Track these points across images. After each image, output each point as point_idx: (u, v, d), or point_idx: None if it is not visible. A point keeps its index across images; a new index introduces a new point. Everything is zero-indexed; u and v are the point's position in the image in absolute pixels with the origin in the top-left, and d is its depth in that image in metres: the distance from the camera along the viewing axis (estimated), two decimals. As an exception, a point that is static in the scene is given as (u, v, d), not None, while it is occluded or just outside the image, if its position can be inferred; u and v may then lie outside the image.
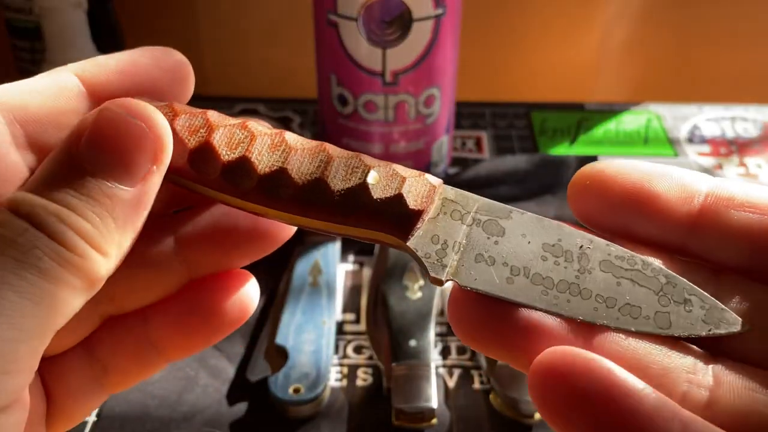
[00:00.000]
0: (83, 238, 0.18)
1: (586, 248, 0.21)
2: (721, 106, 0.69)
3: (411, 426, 0.38)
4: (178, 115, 0.22)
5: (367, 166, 0.22)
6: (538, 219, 0.21)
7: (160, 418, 0.39)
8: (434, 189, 0.22)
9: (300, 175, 0.21)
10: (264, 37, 0.73)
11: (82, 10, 0.56)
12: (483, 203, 0.22)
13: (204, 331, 0.24)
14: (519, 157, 0.59)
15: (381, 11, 0.48)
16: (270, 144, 0.22)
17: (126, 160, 0.19)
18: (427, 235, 0.21)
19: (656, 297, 0.20)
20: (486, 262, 0.21)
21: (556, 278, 0.20)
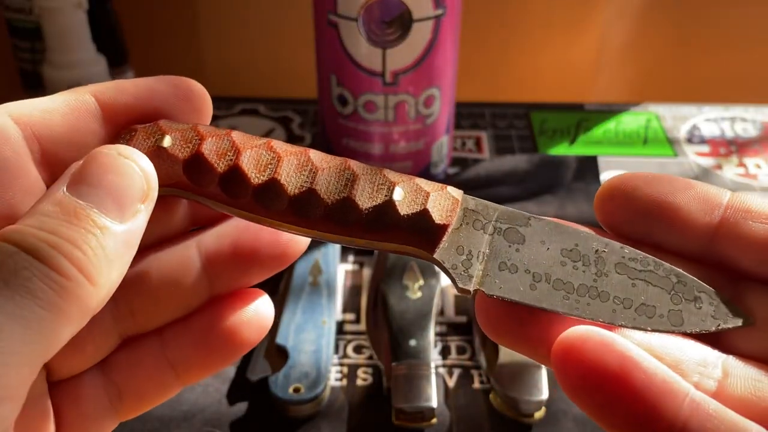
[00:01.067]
0: (74, 265, 0.18)
1: (602, 251, 0.22)
2: (720, 106, 0.69)
3: (411, 426, 0.38)
4: (204, 139, 0.22)
5: (391, 183, 0.22)
6: (555, 225, 0.22)
7: (160, 418, 0.39)
8: (457, 202, 0.22)
9: (328, 195, 0.22)
10: (264, 37, 0.73)
11: (82, 10, 0.56)
12: (502, 211, 0.23)
13: (222, 351, 0.24)
14: (519, 157, 0.59)
15: (381, 11, 0.48)
16: (297, 164, 0.22)
17: (117, 196, 0.20)
18: (452, 246, 0.22)
19: (669, 296, 0.21)
20: (509, 270, 0.22)
21: (575, 282, 0.21)
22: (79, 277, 0.18)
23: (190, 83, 0.23)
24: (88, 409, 0.23)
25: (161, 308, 0.24)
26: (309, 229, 0.22)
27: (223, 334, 0.24)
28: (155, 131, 0.22)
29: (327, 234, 0.22)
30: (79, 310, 0.18)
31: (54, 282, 0.18)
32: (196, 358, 0.24)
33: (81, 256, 0.18)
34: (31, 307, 0.17)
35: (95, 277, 0.19)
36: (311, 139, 0.64)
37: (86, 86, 0.22)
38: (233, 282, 0.24)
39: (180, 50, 0.74)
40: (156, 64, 0.73)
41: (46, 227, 0.18)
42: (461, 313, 0.46)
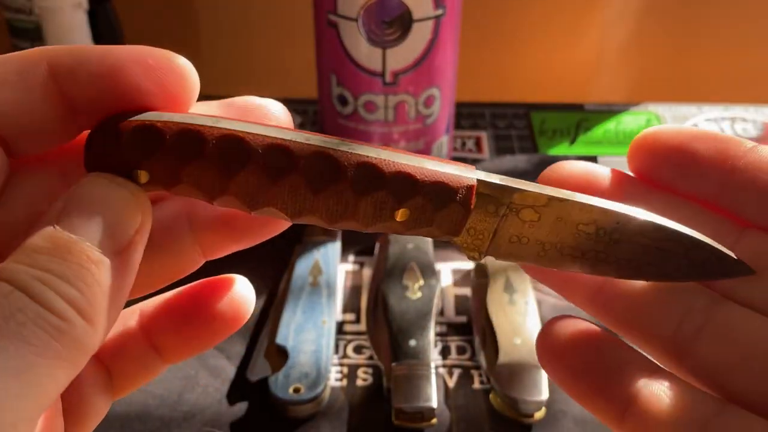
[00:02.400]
0: (70, 304, 0.17)
1: (623, 224, 0.22)
2: (720, 106, 0.69)
3: (411, 426, 0.38)
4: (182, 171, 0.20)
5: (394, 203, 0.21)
6: (576, 204, 0.22)
7: (160, 418, 0.39)
8: (469, 210, 0.21)
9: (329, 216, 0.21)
10: (264, 37, 0.73)
11: (82, 10, 0.56)
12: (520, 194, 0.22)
13: (202, 334, 0.24)
14: (519, 157, 0.59)
15: (381, 11, 0.48)
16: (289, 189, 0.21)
17: (111, 229, 0.19)
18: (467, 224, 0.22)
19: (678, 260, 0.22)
20: (520, 242, 0.22)
21: (586, 248, 0.22)
22: (75, 317, 0.17)
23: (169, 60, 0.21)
24: (87, 391, 0.23)
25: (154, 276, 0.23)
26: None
27: (200, 319, 0.23)
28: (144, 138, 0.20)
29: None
30: (77, 353, 0.17)
31: (49, 324, 0.17)
32: (175, 342, 0.24)
33: (76, 294, 0.17)
34: (25, 357, 0.16)
35: (92, 316, 0.18)
36: (311, 139, 0.64)
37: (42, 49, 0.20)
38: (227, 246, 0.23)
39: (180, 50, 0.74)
40: (156, 64, 0.73)
41: (38, 264, 0.17)
42: (461, 313, 0.46)
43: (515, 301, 0.43)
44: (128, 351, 0.24)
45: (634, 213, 0.22)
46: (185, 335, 0.24)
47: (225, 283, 0.24)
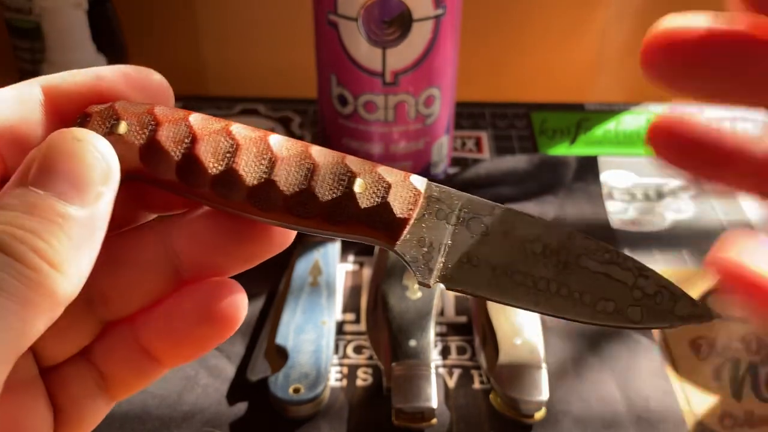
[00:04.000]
0: (41, 256, 0.18)
1: (565, 242, 0.21)
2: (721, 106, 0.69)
3: (411, 426, 0.38)
4: (160, 124, 0.21)
5: (352, 174, 0.22)
6: (518, 214, 0.22)
7: (160, 418, 0.39)
8: (419, 194, 0.22)
9: (288, 186, 0.21)
10: (264, 37, 0.73)
11: (82, 10, 0.56)
12: (466, 200, 0.22)
13: (192, 340, 0.24)
14: (519, 157, 0.59)
15: (381, 11, 0.48)
16: (255, 153, 0.22)
17: (76, 181, 0.20)
18: (413, 237, 0.22)
19: (629, 290, 0.21)
20: (471, 263, 0.21)
21: (537, 275, 0.21)
22: (47, 268, 0.18)
23: (147, 73, 0.23)
24: (78, 392, 0.23)
25: (131, 294, 0.24)
26: (270, 219, 0.22)
27: (191, 324, 0.23)
28: (110, 115, 0.21)
29: (288, 224, 0.22)
30: (51, 301, 0.18)
31: (22, 275, 0.18)
32: (167, 347, 0.24)
33: (46, 247, 0.18)
34: (5, 305, 0.17)
35: (63, 267, 0.19)
36: (311, 139, 0.64)
37: (38, 77, 0.22)
38: (208, 268, 0.24)
39: (180, 50, 0.74)
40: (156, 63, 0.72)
41: (8, 220, 0.18)
42: (461, 313, 0.46)
43: (515, 301, 0.43)
44: (120, 355, 0.24)
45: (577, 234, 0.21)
46: (178, 338, 0.24)
47: (220, 285, 0.24)
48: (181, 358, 0.24)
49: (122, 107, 0.22)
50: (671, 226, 0.54)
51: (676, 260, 0.51)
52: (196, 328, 0.23)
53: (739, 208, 0.56)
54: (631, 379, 0.41)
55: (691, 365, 0.43)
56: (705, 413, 0.40)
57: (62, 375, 0.23)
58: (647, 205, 0.56)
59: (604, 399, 0.40)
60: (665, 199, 0.57)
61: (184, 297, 0.23)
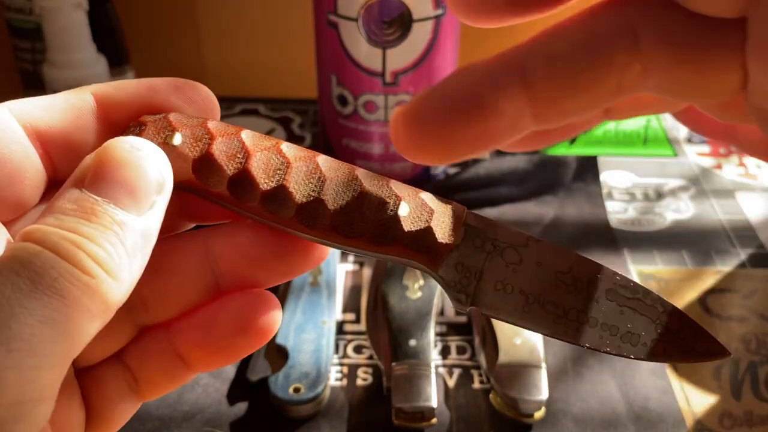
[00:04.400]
0: (97, 262, 0.19)
1: (595, 276, 0.22)
2: (720, 106, 0.69)
3: (411, 425, 0.38)
4: (214, 138, 0.22)
5: (397, 197, 0.22)
6: (553, 247, 0.23)
7: (160, 418, 0.39)
8: (460, 220, 0.23)
9: (335, 206, 0.22)
10: (264, 37, 0.73)
11: (82, 10, 0.56)
12: (503, 231, 0.23)
13: (227, 349, 0.24)
14: (519, 157, 0.59)
15: (381, 11, 0.48)
16: (305, 171, 0.22)
17: (132, 189, 0.20)
18: (451, 263, 0.22)
19: (653, 325, 0.22)
20: (504, 290, 0.22)
21: (567, 306, 0.22)
22: (102, 274, 0.19)
23: (196, 86, 0.23)
24: (111, 393, 0.24)
25: (170, 301, 0.24)
26: (315, 237, 0.22)
27: (225, 335, 0.24)
28: (165, 126, 0.22)
29: (331, 243, 0.22)
30: (104, 307, 0.19)
31: (78, 280, 0.18)
32: (200, 354, 0.24)
33: (102, 253, 0.19)
34: (58, 308, 0.18)
35: (117, 273, 0.19)
36: (311, 139, 0.64)
37: (88, 86, 0.23)
38: (245, 279, 0.24)
39: (180, 50, 0.74)
40: (156, 64, 0.73)
41: (66, 226, 0.19)
42: (461, 313, 0.46)
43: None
44: (154, 358, 0.24)
45: (606, 268, 0.22)
46: (213, 347, 0.24)
47: (258, 298, 0.24)
48: (212, 365, 0.24)
49: (176, 119, 0.22)
50: (671, 226, 0.54)
51: (676, 260, 0.51)
52: (232, 338, 0.23)
53: (738, 208, 0.56)
54: (631, 379, 0.41)
55: (690, 365, 0.43)
56: (704, 413, 0.40)
57: (97, 376, 0.24)
58: (647, 205, 0.56)
59: (604, 399, 0.40)
60: (665, 199, 0.57)
61: (222, 307, 0.24)
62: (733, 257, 0.51)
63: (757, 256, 0.51)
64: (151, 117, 0.22)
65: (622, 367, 0.42)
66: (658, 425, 0.39)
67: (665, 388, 0.41)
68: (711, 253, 0.51)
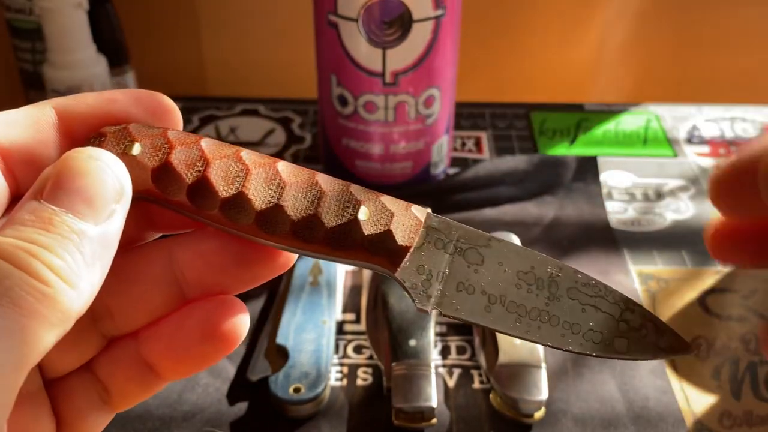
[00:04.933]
0: (54, 272, 0.19)
1: (556, 276, 0.23)
2: (720, 106, 0.69)
3: (411, 425, 0.38)
4: (173, 147, 0.22)
5: (357, 201, 0.23)
6: (514, 247, 0.23)
7: (160, 418, 0.39)
8: (420, 223, 0.23)
9: (295, 212, 0.22)
10: (264, 37, 0.73)
11: (82, 10, 0.56)
12: (464, 232, 0.23)
13: (194, 356, 0.24)
14: (519, 157, 0.59)
15: (381, 12, 0.48)
16: (265, 178, 0.22)
17: (90, 198, 0.20)
18: (413, 265, 0.23)
19: (616, 323, 0.22)
20: (466, 291, 0.22)
21: (528, 305, 0.22)
22: (59, 283, 0.19)
23: (157, 97, 0.23)
24: (81, 404, 0.24)
25: (136, 311, 0.24)
26: (276, 243, 0.23)
27: (192, 342, 0.24)
28: (124, 137, 0.22)
29: (292, 248, 0.23)
30: (62, 316, 0.19)
31: (34, 290, 0.18)
32: (169, 362, 0.24)
33: (59, 263, 0.19)
34: (12, 317, 0.18)
35: (75, 282, 0.19)
36: (311, 139, 0.64)
37: (49, 100, 0.23)
38: (211, 287, 0.24)
39: (180, 50, 0.74)
40: (156, 64, 0.73)
41: (24, 236, 0.19)
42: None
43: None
44: (123, 368, 0.24)
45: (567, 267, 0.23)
46: (181, 355, 0.24)
47: (223, 304, 0.24)
48: (181, 373, 0.24)
49: (136, 129, 0.22)
50: (671, 226, 0.54)
51: (676, 260, 0.51)
52: (199, 345, 0.23)
53: (738, 208, 0.56)
54: (631, 379, 0.41)
55: (690, 365, 0.43)
56: (704, 413, 0.40)
57: (66, 387, 0.24)
58: (647, 205, 0.56)
59: (604, 398, 0.40)
60: (665, 199, 0.57)
61: (187, 314, 0.24)
62: (733, 257, 0.51)
63: (757, 256, 0.51)
64: (111, 128, 0.22)
65: (622, 367, 0.42)
66: (658, 425, 0.39)
67: (665, 388, 0.41)
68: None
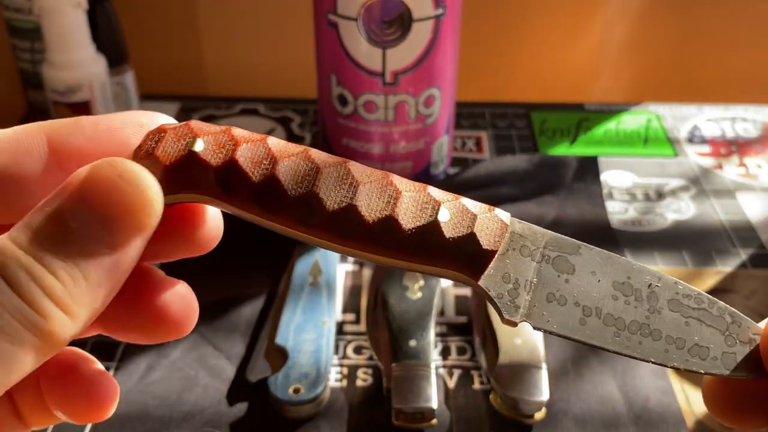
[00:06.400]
0: (51, 297, 0.17)
1: (655, 286, 0.21)
2: (721, 106, 0.69)
3: (411, 426, 0.38)
4: (239, 145, 0.21)
5: (436, 202, 0.21)
6: (607, 255, 0.21)
7: (160, 418, 0.39)
8: (506, 226, 0.21)
9: (369, 212, 0.20)
10: (264, 37, 0.73)
11: (82, 10, 0.56)
12: (551, 238, 0.22)
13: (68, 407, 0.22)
14: (519, 157, 0.59)
15: (381, 11, 0.48)
16: (336, 177, 0.21)
17: (110, 223, 0.18)
18: (497, 273, 0.21)
19: (723, 337, 0.21)
20: (558, 302, 0.21)
21: (627, 319, 0.21)
22: (55, 312, 0.17)
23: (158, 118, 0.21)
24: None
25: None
26: (346, 248, 0.21)
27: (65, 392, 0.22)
28: (186, 133, 0.21)
29: (365, 253, 0.21)
30: (52, 345, 0.17)
31: (25, 319, 0.17)
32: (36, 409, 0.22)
33: (60, 289, 0.17)
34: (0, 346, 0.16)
35: (73, 310, 0.18)
36: (311, 139, 0.64)
37: (42, 123, 0.21)
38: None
39: (180, 50, 0.74)
40: (156, 63, 0.73)
41: (30, 251, 0.17)
42: (461, 313, 0.46)
43: (515, 302, 0.43)
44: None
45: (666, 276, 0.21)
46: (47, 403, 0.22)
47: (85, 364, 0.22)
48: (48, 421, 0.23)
49: (197, 126, 0.21)
50: (671, 226, 0.54)
51: (676, 260, 0.51)
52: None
53: (739, 208, 0.56)
54: (631, 379, 0.41)
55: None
56: (705, 413, 0.40)
57: None
58: (647, 205, 0.56)
59: (604, 399, 0.40)
60: (665, 199, 0.57)
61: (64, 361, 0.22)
62: (733, 257, 0.51)
63: (758, 257, 0.51)
64: (172, 124, 0.21)
65: (623, 367, 0.42)
66: (658, 425, 0.39)
67: (666, 389, 0.41)
68: (711, 254, 0.51)
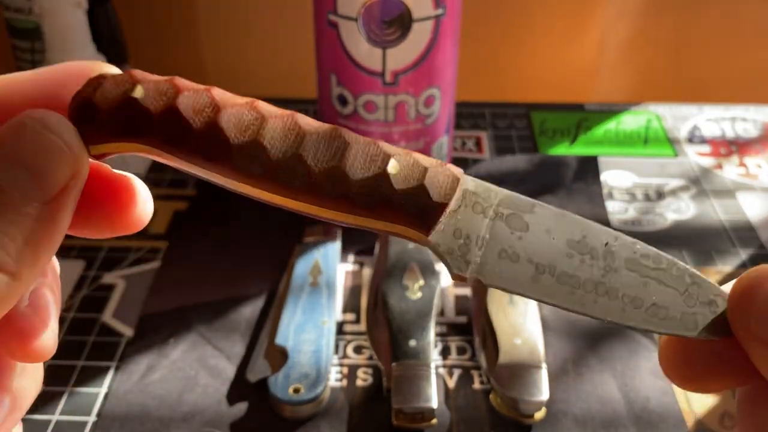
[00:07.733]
0: None
1: (612, 245, 0.20)
2: (721, 106, 0.69)
3: (411, 426, 0.38)
4: (180, 92, 0.20)
5: (386, 155, 0.20)
6: (562, 214, 0.21)
7: (160, 418, 0.39)
8: (457, 180, 0.21)
9: (315, 162, 0.20)
10: (264, 37, 0.73)
11: (82, 10, 0.56)
12: (505, 196, 0.21)
13: None
14: (519, 157, 0.59)
15: (381, 11, 0.48)
16: (282, 127, 0.20)
17: (38, 174, 0.18)
18: (449, 229, 0.20)
19: (682, 297, 0.20)
20: (510, 258, 0.20)
21: (582, 277, 0.20)
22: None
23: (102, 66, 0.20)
24: None
25: None
26: (290, 200, 0.20)
27: None
28: (126, 80, 0.20)
29: (310, 207, 0.20)
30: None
31: None
32: None
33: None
34: None
35: (14, 269, 0.17)
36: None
37: None
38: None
39: (180, 50, 0.74)
40: (156, 63, 0.73)
41: None
42: (461, 313, 0.46)
43: (515, 302, 0.43)
44: None
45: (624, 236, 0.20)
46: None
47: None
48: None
49: (140, 74, 0.20)
50: (671, 226, 0.54)
51: (676, 260, 0.51)
52: None
53: (739, 208, 0.56)
54: (631, 379, 0.41)
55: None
56: (705, 413, 0.40)
57: None
58: (647, 205, 0.56)
59: (604, 399, 0.40)
60: (665, 199, 0.57)
61: None
62: (733, 257, 0.51)
63: (758, 257, 0.51)
64: (112, 72, 0.20)
65: (623, 367, 0.42)
66: (658, 426, 0.39)
67: (666, 389, 0.41)
68: (711, 254, 0.51)
